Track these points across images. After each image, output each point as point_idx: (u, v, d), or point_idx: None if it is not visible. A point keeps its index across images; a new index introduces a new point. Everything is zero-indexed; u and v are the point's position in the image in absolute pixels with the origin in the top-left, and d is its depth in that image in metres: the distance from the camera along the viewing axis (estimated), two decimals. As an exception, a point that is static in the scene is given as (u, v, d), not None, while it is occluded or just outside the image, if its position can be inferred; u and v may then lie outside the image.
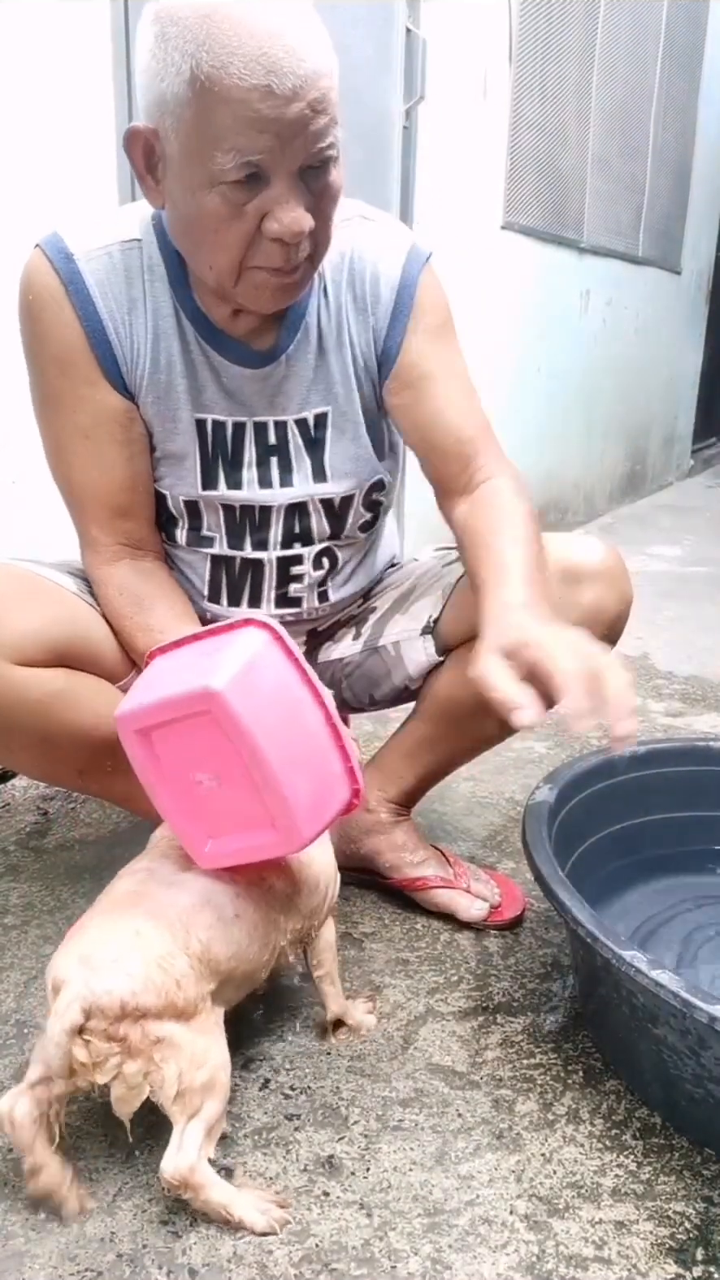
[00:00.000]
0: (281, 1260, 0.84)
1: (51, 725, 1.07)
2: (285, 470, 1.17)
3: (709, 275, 5.84)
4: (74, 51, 1.68)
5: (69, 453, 1.11)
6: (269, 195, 0.92)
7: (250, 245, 0.95)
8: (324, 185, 0.95)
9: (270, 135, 0.88)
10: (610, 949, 0.91)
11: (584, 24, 3.51)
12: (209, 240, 0.96)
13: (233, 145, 0.88)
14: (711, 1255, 0.86)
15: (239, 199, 0.91)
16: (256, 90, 0.85)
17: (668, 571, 3.53)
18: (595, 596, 1.19)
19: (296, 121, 0.88)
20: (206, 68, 0.85)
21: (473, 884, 1.34)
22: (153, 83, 0.90)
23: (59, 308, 1.04)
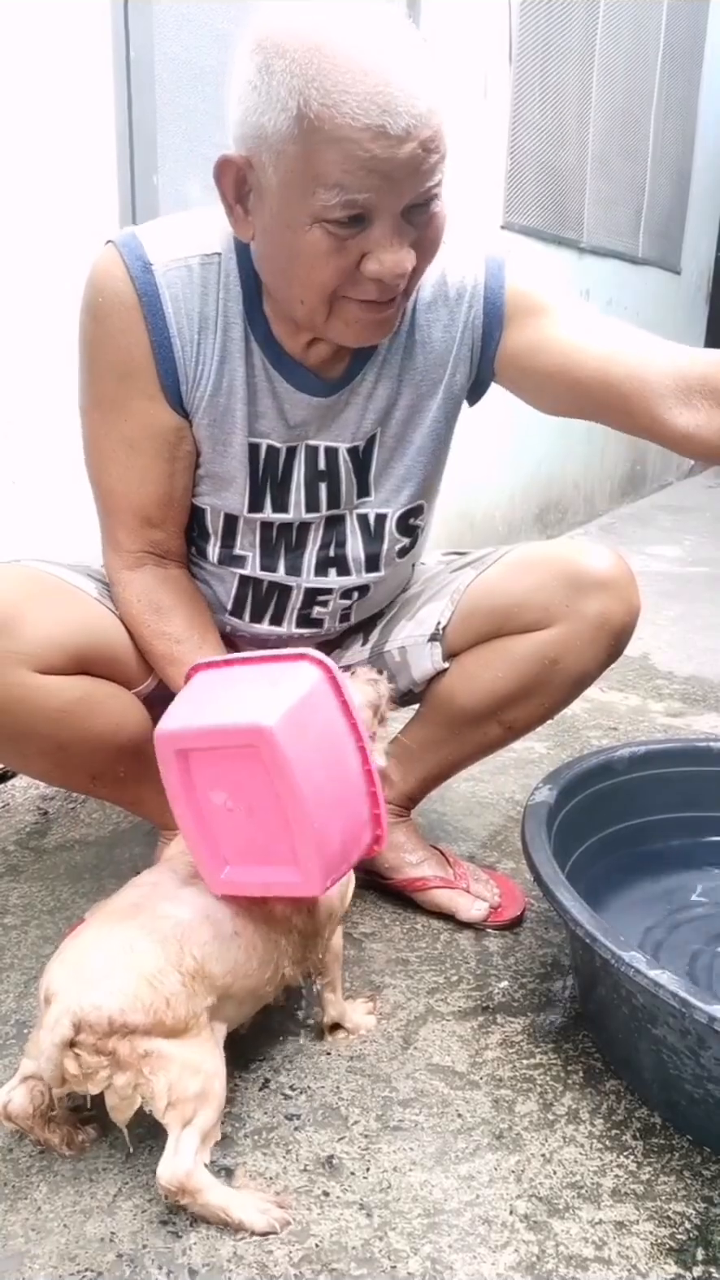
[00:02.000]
0: (281, 1260, 0.84)
1: (69, 733, 1.07)
2: (334, 495, 1.17)
3: (709, 275, 5.84)
4: (74, 51, 1.68)
5: (110, 458, 1.10)
6: (372, 235, 0.90)
7: (347, 281, 0.93)
8: (429, 220, 0.94)
9: (379, 176, 0.86)
10: (609, 949, 0.91)
11: (584, 25, 3.51)
12: (304, 275, 0.94)
13: (338, 184, 0.86)
14: (711, 1255, 0.86)
15: (341, 236, 0.90)
16: (369, 130, 0.83)
17: (668, 571, 3.53)
18: (602, 607, 1.18)
19: (408, 163, 0.86)
20: (316, 105, 0.83)
21: (473, 884, 1.34)
22: (250, 115, 0.87)
23: (129, 316, 1.02)
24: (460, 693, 1.25)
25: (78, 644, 1.07)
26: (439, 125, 0.88)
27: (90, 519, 1.21)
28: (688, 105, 4.81)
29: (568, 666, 1.20)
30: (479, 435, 3.33)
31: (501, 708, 1.24)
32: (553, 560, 1.21)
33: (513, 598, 1.21)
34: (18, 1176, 0.92)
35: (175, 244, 1.03)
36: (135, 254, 1.02)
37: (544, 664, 1.20)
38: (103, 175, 1.77)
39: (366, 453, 1.17)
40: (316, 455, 1.14)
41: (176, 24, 1.88)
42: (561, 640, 1.19)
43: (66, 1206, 0.89)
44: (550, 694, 1.24)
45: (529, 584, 1.20)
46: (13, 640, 1.00)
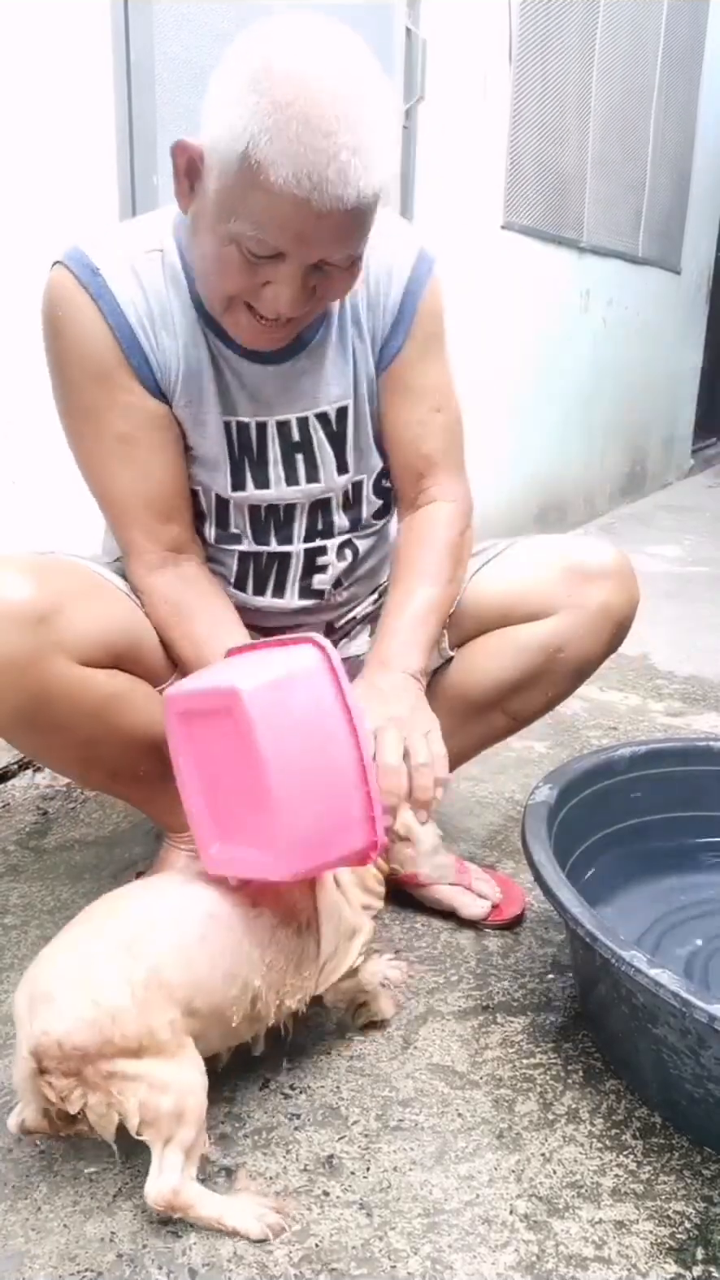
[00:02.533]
0: (281, 1260, 0.84)
1: (102, 728, 1.08)
2: (311, 466, 1.19)
3: (709, 275, 5.84)
4: (74, 51, 1.68)
5: (108, 462, 1.11)
6: (280, 269, 0.95)
7: (248, 293, 0.98)
8: (340, 274, 0.98)
9: (296, 235, 0.91)
10: (609, 948, 0.91)
11: (584, 24, 3.51)
12: (213, 273, 0.99)
13: (258, 231, 0.91)
14: (711, 1255, 0.86)
15: (252, 261, 0.94)
16: (294, 199, 0.88)
17: (668, 571, 3.53)
18: (604, 597, 1.22)
19: (325, 233, 0.91)
20: (259, 154, 0.86)
21: (473, 883, 1.34)
22: (214, 122, 0.90)
23: (89, 320, 1.05)
24: (465, 683, 1.28)
25: (115, 639, 1.09)
26: (368, 208, 0.92)
27: (89, 518, 1.21)
28: (688, 105, 4.81)
29: (570, 655, 1.24)
30: (479, 436, 3.33)
31: (506, 697, 1.27)
32: (555, 552, 1.26)
33: (517, 588, 1.25)
34: (18, 1176, 0.92)
35: (116, 245, 1.07)
36: (81, 263, 1.04)
37: (548, 653, 1.23)
38: (103, 175, 1.77)
39: (340, 423, 1.18)
40: (289, 428, 1.16)
41: (176, 24, 1.88)
42: (565, 629, 1.22)
43: (66, 1206, 0.89)
44: (554, 682, 1.27)
45: (532, 575, 1.24)
46: (56, 631, 1.01)
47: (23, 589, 1.00)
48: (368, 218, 0.94)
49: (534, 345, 3.66)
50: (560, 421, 4.01)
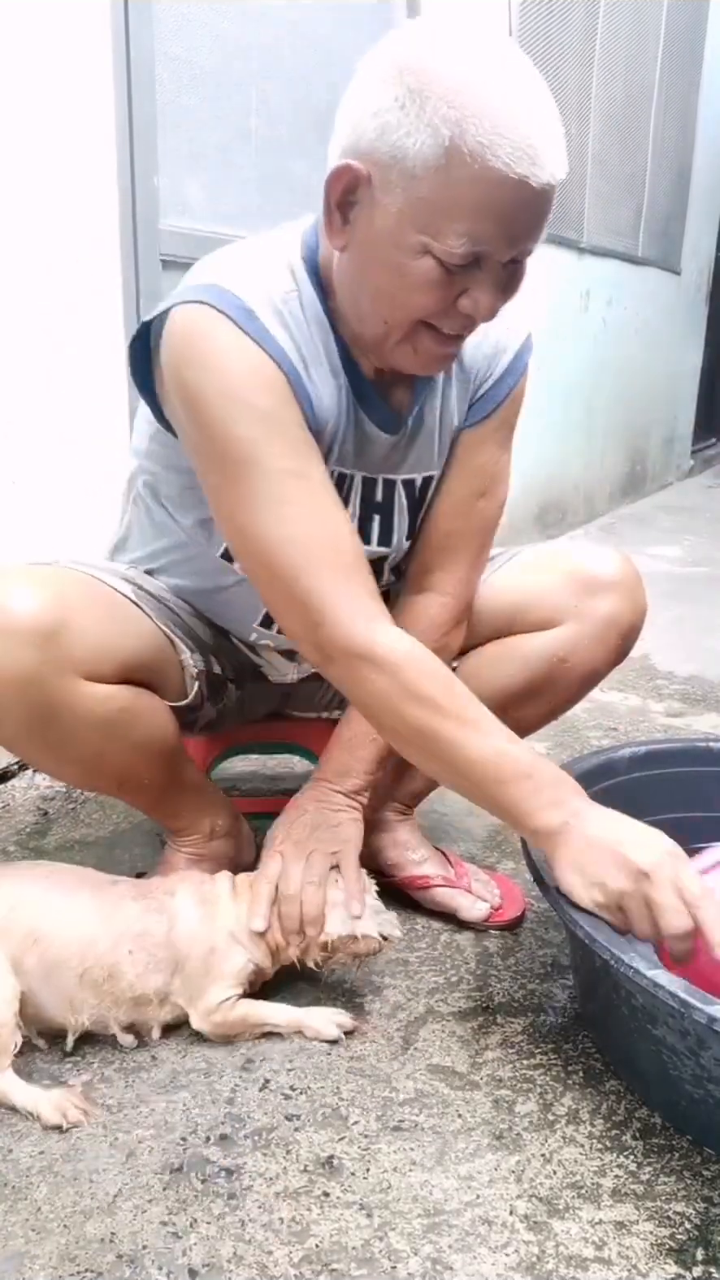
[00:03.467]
0: (281, 1260, 0.84)
1: (110, 742, 1.07)
2: (386, 530, 1.16)
3: (709, 275, 5.84)
4: (74, 51, 1.68)
5: (279, 503, 0.96)
6: (477, 276, 0.90)
7: (439, 311, 0.93)
8: (518, 275, 0.94)
9: (505, 226, 0.87)
10: (609, 950, 0.91)
11: (584, 24, 3.51)
12: (402, 297, 0.92)
13: (468, 229, 0.86)
14: (711, 1255, 0.86)
15: (453, 272, 0.90)
16: (515, 179, 0.84)
17: (668, 572, 3.53)
18: (611, 607, 1.21)
19: (533, 218, 0.88)
20: (472, 141, 0.82)
21: (474, 884, 1.34)
22: (391, 133, 0.85)
23: (251, 357, 0.95)
24: (471, 690, 1.26)
25: (123, 652, 1.07)
26: (558, 187, 0.89)
27: (89, 518, 1.21)
28: (688, 104, 4.81)
29: (576, 665, 1.23)
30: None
31: (510, 706, 1.25)
32: (562, 561, 1.25)
33: (522, 597, 1.24)
34: (18, 1176, 0.92)
35: (260, 286, 0.98)
36: (233, 304, 0.95)
37: (553, 663, 1.23)
38: (103, 176, 1.77)
39: (423, 491, 1.17)
40: (374, 488, 1.13)
41: (176, 24, 1.89)
42: (570, 639, 1.22)
43: (66, 1206, 0.89)
44: (558, 693, 1.27)
45: (539, 584, 1.24)
46: (64, 647, 0.99)
47: (30, 603, 0.98)
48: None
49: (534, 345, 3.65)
50: (560, 421, 4.01)
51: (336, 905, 1.09)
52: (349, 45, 2.33)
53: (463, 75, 0.83)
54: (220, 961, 1.07)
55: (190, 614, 1.23)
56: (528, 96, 0.85)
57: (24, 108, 1.61)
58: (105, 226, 1.78)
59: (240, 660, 1.30)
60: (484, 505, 1.18)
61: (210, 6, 1.95)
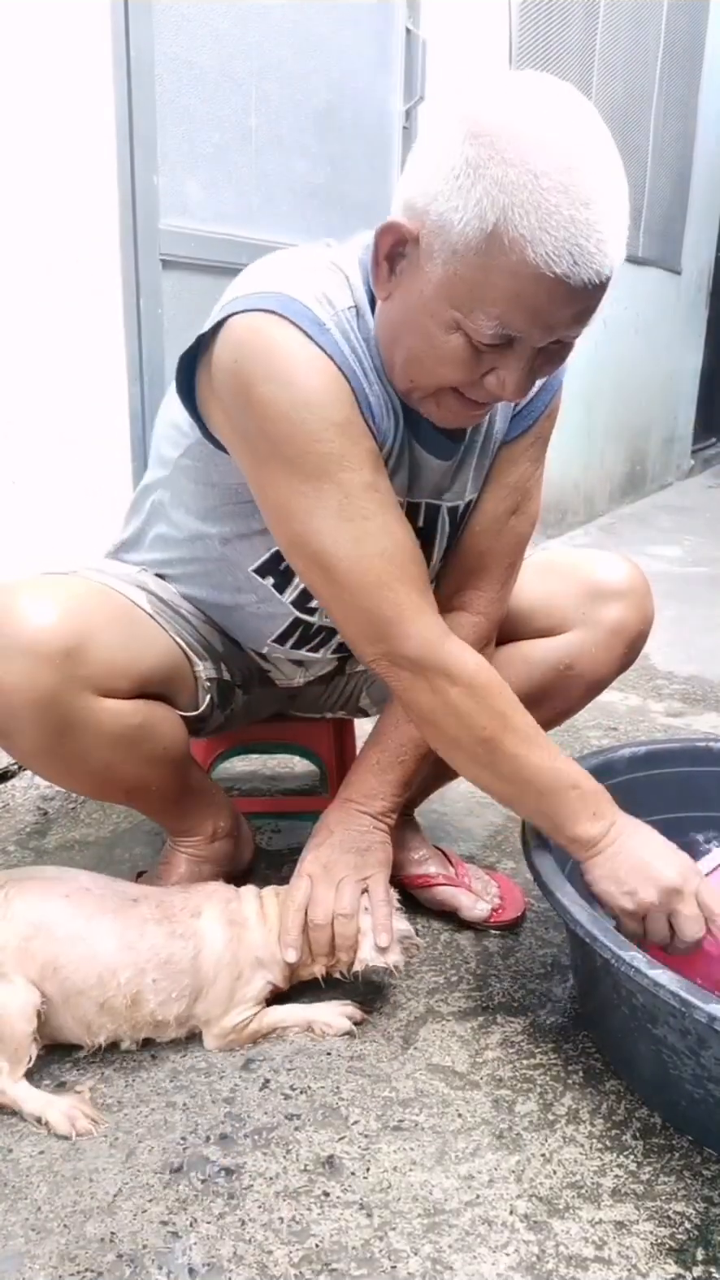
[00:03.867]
0: (281, 1260, 0.84)
1: (122, 756, 1.07)
2: (426, 553, 1.13)
3: (709, 275, 5.84)
4: (74, 51, 1.68)
5: (360, 518, 0.95)
6: (507, 358, 0.89)
7: (467, 385, 0.93)
8: (557, 355, 0.92)
9: (539, 319, 0.85)
10: (609, 949, 0.91)
11: (584, 24, 3.51)
12: (427, 364, 0.92)
13: (500, 315, 0.85)
14: (711, 1255, 0.86)
15: (482, 350, 0.88)
16: (552, 278, 0.81)
17: (668, 571, 3.53)
18: (618, 615, 1.22)
19: (572, 313, 0.86)
20: (514, 232, 0.80)
21: (474, 884, 1.34)
22: (441, 201, 0.83)
23: (325, 371, 0.93)
24: None
25: (141, 668, 1.07)
26: (609, 285, 0.86)
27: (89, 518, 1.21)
28: (688, 105, 4.81)
29: (582, 673, 1.23)
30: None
31: None
32: (570, 568, 1.25)
33: (529, 603, 1.24)
34: (18, 1176, 0.92)
35: (326, 299, 0.95)
36: (304, 315, 0.92)
37: (559, 670, 1.23)
38: (103, 176, 1.77)
39: (464, 517, 1.15)
40: (418, 511, 1.11)
41: (176, 24, 1.88)
42: (577, 647, 1.22)
43: (66, 1206, 0.89)
44: (563, 699, 1.27)
45: (546, 591, 1.24)
46: (82, 666, 0.99)
47: (48, 619, 0.97)
48: (605, 296, 0.87)
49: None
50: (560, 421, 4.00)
51: (366, 934, 1.09)
52: (349, 45, 2.33)
53: (523, 157, 0.79)
54: (244, 987, 1.07)
55: (203, 621, 1.23)
56: (589, 189, 0.80)
57: (24, 107, 1.61)
58: (105, 226, 1.78)
59: (249, 666, 1.30)
60: (516, 522, 1.16)
61: (210, 6, 1.95)
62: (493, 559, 1.16)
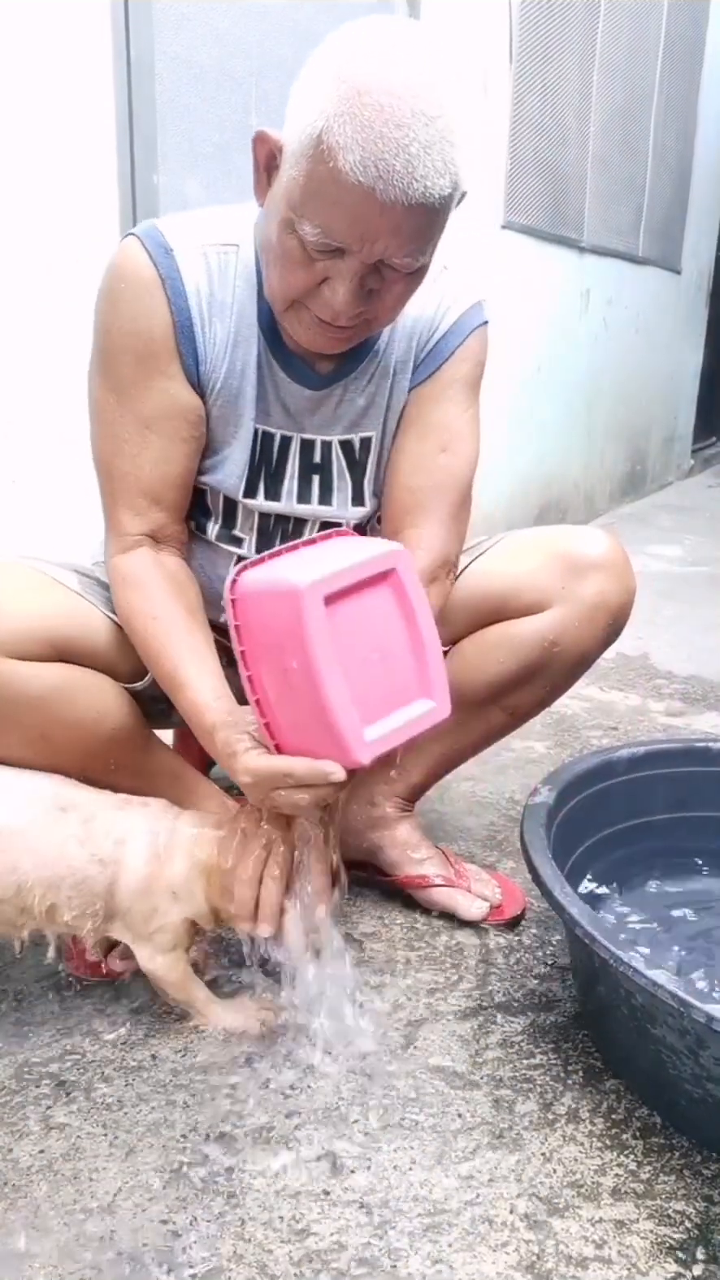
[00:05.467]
0: (281, 1259, 0.84)
1: (50, 720, 1.07)
2: (325, 489, 1.18)
3: (709, 275, 5.84)
4: (74, 51, 1.68)
5: (124, 441, 1.09)
6: (338, 266, 0.94)
7: (307, 294, 0.98)
8: (396, 281, 0.97)
9: (356, 229, 0.90)
10: (608, 949, 0.91)
11: (584, 24, 3.51)
12: (274, 267, 0.99)
13: (321, 222, 0.91)
14: (711, 1254, 0.86)
15: (313, 255, 0.94)
16: (360, 188, 0.87)
17: (668, 571, 3.53)
18: (598, 588, 1.21)
19: (386, 228, 0.90)
20: (331, 140, 0.87)
21: (473, 884, 1.34)
22: (294, 110, 0.92)
23: (151, 299, 1.04)
24: (461, 680, 1.25)
25: (54, 633, 1.07)
26: (432, 214, 0.92)
27: (90, 518, 1.21)
28: (688, 104, 4.81)
29: (567, 648, 1.23)
30: (479, 435, 3.33)
31: (503, 692, 1.27)
32: (548, 544, 1.25)
33: (509, 582, 1.24)
34: (18, 1176, 0.92)
35: (195, 232, 1.06)
36: (156, 241, 1.04)
37: (543, 647, 1.23)
38: (103, 175, 1.77)
39: (362, 453, 1.18)
40: (312, 448, 1.16)
41: (176, 24, 1.88)
42: (560, 622, 1.22)
43: (66, 1205, 0.89)
44: (551, 677, 1.27)
45: (525, 568, 1.24)
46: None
47: None
48: (434, 223, 0.93)
49: (534, 345, 3.66)
50: (560, 421, 4.01)
51: (292, 911, 1.04)
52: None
53: (359, 77, 0.86)
54: (159, 919, 1.05)
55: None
56: (412, 113, 0.86)
57: (24, 106, 1.61)
58: (105, 225, 1.78)
59: (217, 647, 1.30)
60: (448, 460, 1.18)
61: (210, 5, 1.95)
62: (426, 496, 1.17)
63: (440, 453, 1.17)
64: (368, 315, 1.00)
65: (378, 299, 0.99)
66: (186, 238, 1.05)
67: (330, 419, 1.15)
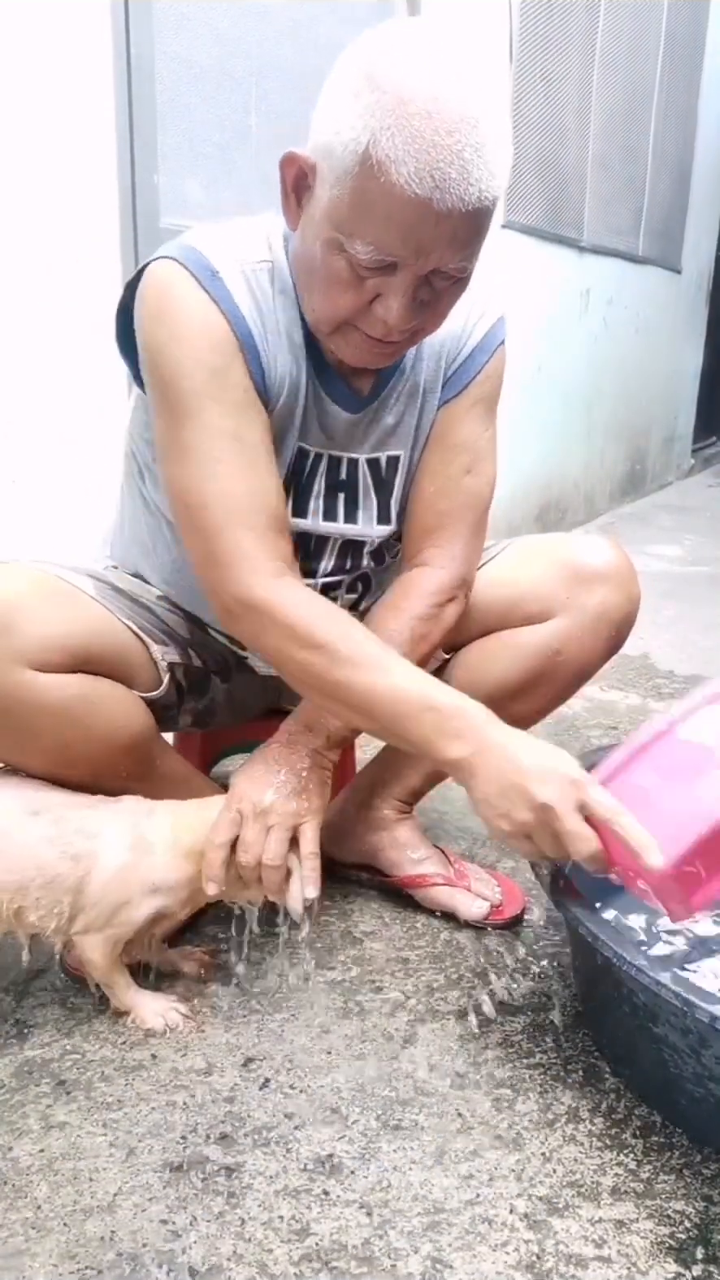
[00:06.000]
0: (281, 1259, 0.84)
1: (71, 730, 1.06)
2: (351, 506, 1.18)
3: (709, 275, 5.84)
4: (74, 51, 1.68)
5: (216, 462, 1.01)
6: (391, 282, 0.93)
7: (356, 312, 0.96)
8: (448, 288, 0.96)
9: (413, 242, 0.89)
10: (611, 948, 0.91)
11: (584, 23, 3.51)
12: (319, 289, 0.97)
13: (375, 238, 0.89)
14: (711, 1254, 0.86)
15: (363, 274, 0.93)
16: (416, 200, 0.85)
17: (668, 571, 3.53)
18: (602, 598, 1.21)
19: (443, 238, 0.89)
20: (380, 154, 0.85)
21: (473, 883, 1.34)
22: (329, 127, 0.89)
23: (209, 317, 1.00)
24: (464, 686, 1.23)
25: (77, 642, 1.06)
26: (485, 215, 0.90)
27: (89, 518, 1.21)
28: (688, 104, 4.81)
29: (570, 658, 1.23)
30: (479, 435, 3.33)
31: (505, 701, 1.24)
32: (552, 553, 1.24)
33: (513, 591, 1.24)
34: (18, 1176, 0.92)
35: (232, 251, 1.03)
36: (200, 263, 1.00)
37: (546, 656, 1.22)
38: (103, 175, 1.77)
39: (389, 472, 1.17)
40: (339, 465, 1.15)
41: (176, 24, 1.89)
42: (563, 632, 1.21)
43: (66, 1205, 0.89)
44: (553, 686, 1.26)
45: (529, 577, 1.23)
46: (12, 638, 1.00)
47: None
48: (484, 225, 0.92)
49: (534, 345, 3.66)
50: (560, 421, 4.01)
51: (295, 881, 1.05)
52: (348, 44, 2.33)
53: (400, 86, 0.84)
54: (129, 911, 1.06)
55: (167, 609, 1.24)
56: (459, 118, 0.84)
57: (24, 107, 1.61)
58: (105, 225, 1.78)
59: (222, 652, 1.30)
60: (471, 482, 1.18)
61: (210, 5, 1.95)
62: (450, 519, 1.18)
63: (465, 475, 1.17)
64: (417, 326, 0.99)
65: (429, 309, 0.98)
66: (227, 257, 1.02)
67: (361, 438, 1.14)
